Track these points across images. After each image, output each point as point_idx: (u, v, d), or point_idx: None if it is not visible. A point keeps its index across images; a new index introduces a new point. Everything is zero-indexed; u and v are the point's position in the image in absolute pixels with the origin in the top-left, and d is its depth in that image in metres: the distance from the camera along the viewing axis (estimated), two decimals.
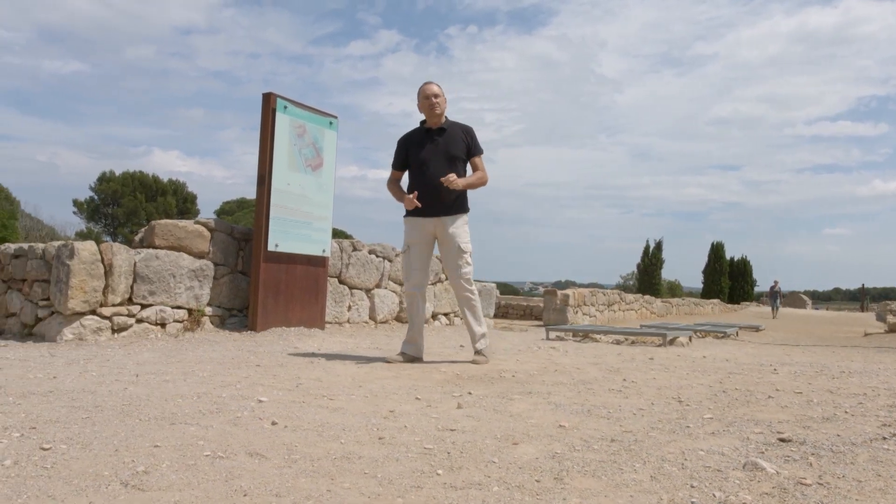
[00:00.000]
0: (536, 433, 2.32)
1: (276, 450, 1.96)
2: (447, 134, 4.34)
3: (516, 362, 4.63)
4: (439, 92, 4.33)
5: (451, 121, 4.43)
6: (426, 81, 4.40)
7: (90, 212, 34.35)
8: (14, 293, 5.10)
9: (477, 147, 4.40)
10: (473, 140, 4.39)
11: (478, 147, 4.40)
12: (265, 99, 5.69)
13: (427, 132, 4.39)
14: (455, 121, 4.44)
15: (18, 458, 1.75)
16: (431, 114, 4.33)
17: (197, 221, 5.58)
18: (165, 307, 5.23)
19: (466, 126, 4.43)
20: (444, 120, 4.39)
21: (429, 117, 4.36)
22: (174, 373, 3.42)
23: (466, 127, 4.42)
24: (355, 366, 4.04)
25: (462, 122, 4.44)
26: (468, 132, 4.40)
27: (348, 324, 6.79)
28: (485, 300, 8.97)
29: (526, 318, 13.94)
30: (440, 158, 4.28)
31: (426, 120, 4.39)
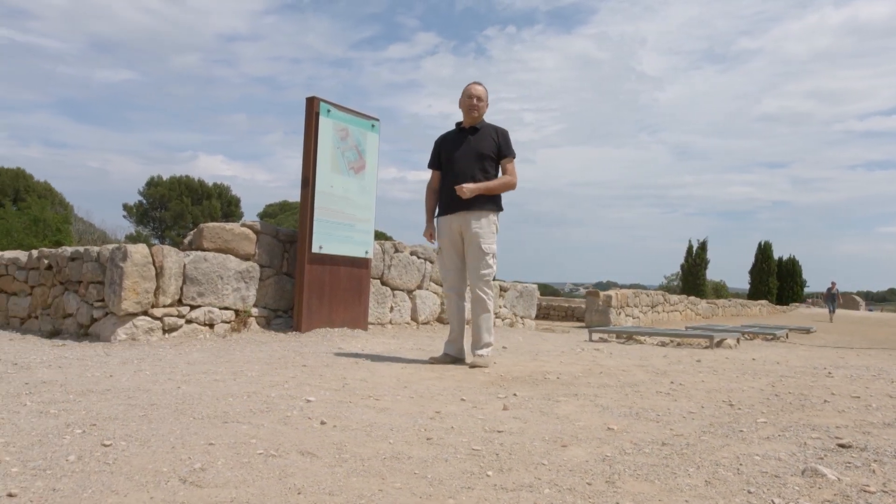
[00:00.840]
0: (585, 436, 2.29)
1: (327, 449, 1.99)
2: (479, 133, 4.34)
3: (560, 364, 4.59)
4: (482, 95, 4.34)
5: (488, 122, 4.41)
6: (474, 81, 4.41)
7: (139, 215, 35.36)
8: (71, 294, 5.28)
9: (508, 149, 4.33)
10: (505, 141, 4.33)
11: (509, 149, 4.33)
12: (309, 103, 5.77)
13: (460, 132, 4.41)
14: (492, 123, 4.42)
15: (82, 453, 1.81)
16: (468, 114, 4.35)
17: (243, 224, 5.69)
18: (213, 308, 5.34)
19: (500, 128, 4.38)
20: (481, 121, 4.39)
21: (465, 116, 4.38)
22: (224, 372, 3.49)
23: (500, 128, 4.38)
24: (399, 367, 4.06)
25: (498, 125, 4.40)
26: (500, 133, 4.35)
27: (390, 325, 6.83)
28: (526, 301, 8.92)
29: (567, 320, 13.81)
30: (469, 157, 4.29)
31: (462, 119, 4.41)
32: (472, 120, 4.36)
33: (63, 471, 1.65)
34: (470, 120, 4.37)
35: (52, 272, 5.46)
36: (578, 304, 14.07)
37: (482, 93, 4.35)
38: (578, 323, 13.14)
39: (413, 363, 4.24)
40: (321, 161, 5.75)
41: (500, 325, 8.40)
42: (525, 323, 8.87)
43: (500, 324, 8.42)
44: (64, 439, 1.96)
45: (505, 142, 4.33)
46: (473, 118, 4.35)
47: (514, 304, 8.77)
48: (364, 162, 6.18)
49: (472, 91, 4.33)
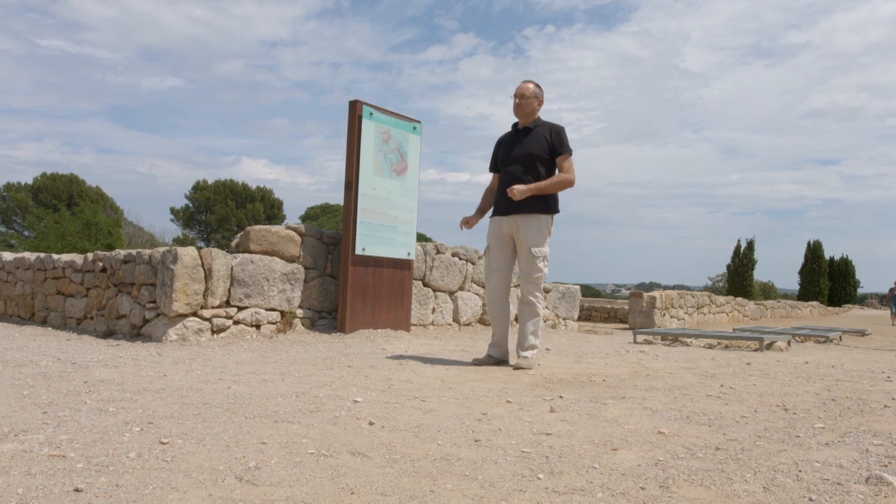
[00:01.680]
0: (635, 439, 2.26)
1: (377, 449, 2.00)
2: (531, 134, 4.28)
3: (605, 366, 4.54)
4: (527, 93, 4.29)
5: (543, 121, 4.34)
6: (524, 80, 4.38)
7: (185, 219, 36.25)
8: (124, 296, 5.44)
9: (562, 146, 4.23)
10: (559, 139, 4.23)
11: (563, 146, 4.23)
12: (351, 106, 5.83)
13: (515, 133, 4.38)
14: (547, 121, 4.35)
15: (141, 450, 1.86)
16: (516, 113, 4.33)
17: (288, 227, 5.78)
18: (260, 309, 5.44)
19: (556, 125, 4.29)
20: (535, 119, 4.32)
21: (517, 117, 4.35)
22: (272, 373, 3.55)
23: (555, 126, 4.29)
24: (443, 368, 4.06)
25: (555, 123, 4.32)
26: (554, 131, 4.26)
27: (432, 326, 6.85)
28: (569, 302, 8.84)
29: (610, 321, 13.63)
30: (519, 158, 4.24)
31: (518, 120, 4.38)
32: (524, 119, 4.32)
33: (125, 467, 1.70)
34: (521, 120, 4.34)
35: (107, 274, 5.63)
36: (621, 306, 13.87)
37: (526, 90, 4.29)
38: (621, 325, 12.96)
39: (456, 364, 4.24)
40: (364, 164, 5.80)
41: (542, 326, 8.34)
42: (567, 324, 8.79)
43: (542, 325, 8.36)
44: (124, 437, 2.02)
45: (559, 139, 4.23)
46: (524, 116, 4.30)
47: (557, 306, 8.70)
48: (406, 164, 6.21)
49: (518, 90, 4.31)
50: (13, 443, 1.88)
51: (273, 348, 4.75)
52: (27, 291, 6.62)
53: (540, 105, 4.35)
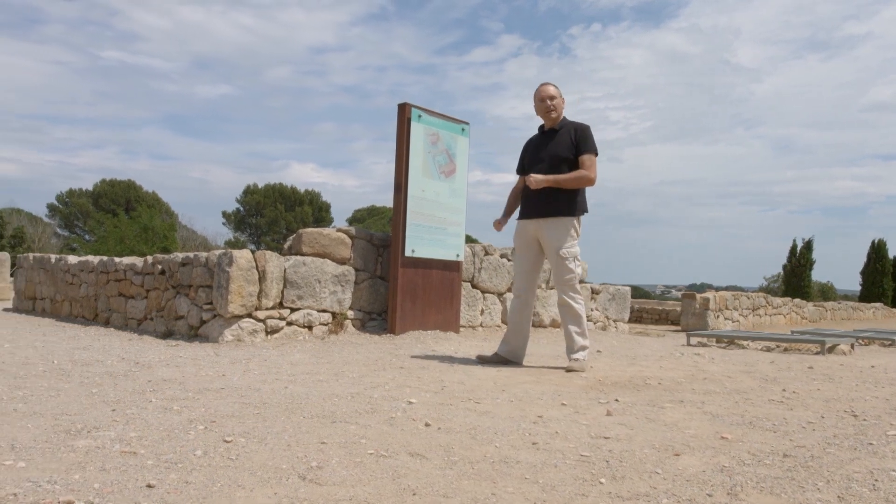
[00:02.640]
0: (697, 444, 2.20)
1: (435, 451, 2.00)
2: (557, 135, 4.26)
3: (660, 369, 4.44)
4: (555, 94, 4.27)
5: (569, 121, 4.31)
6: (542, 83, 4.36)
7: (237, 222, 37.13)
8: (182, 297, 5.60)
9: (585, 145, 4.16)
10: (583, 138, 4.18)
11: (586, 145, 4.16)
12: (400, 109, 5.87)
13: (543, 135, 4.36)
14: (573, 121, 4.30)
15: (207, 448, 1.91)
16: (547, 116, 4.30)
17: (339, 229, 5.85)
18: (312, 311, 5.52)
19: (580, 124, 4.25)
20: (562, 121, 4.30)
21: (544, 119, 4.33)
22: (325, 373, 3.60)
23: (579, 125, 4.25)
24: (495, 370, 4.05)
25: (580, 122, 4.28)
26: (578, 130, 4.21)
27: (481, 327, 6.84)
28: (619, 304, 8.71)
29: (661, 323, 13.35)
30: (546, 161, 4.22)
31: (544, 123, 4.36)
32: (552, 122, 4.30)
33: (192, 465, 1.75)
34: (549, 122, 4.32)
35: (165, 277, 5.81)
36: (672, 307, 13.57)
37: (554, 91, 4.27)
38: (673, 326, 12.69)
39: (508, 365, 4.22)
40: (413, 166, 5.83)
41: (591, 328, 8.24)
42: (618, 326, 8.65)
43: (591, 327, 8.25)
44: (189, 434, 2.07)
45: (582, 138, 4.19)
46: (552, 119, 4.29)
47: (607, 307, 8.57)
48: (454, 166, 6.22)
49: (543, 93, 4.28)
50: (87, 439, 1.95)
51: (325, 349, 4.82)
52: (91, 293, 6.88)
53: (563, 105, 4.33)
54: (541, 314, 7.51)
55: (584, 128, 4.24)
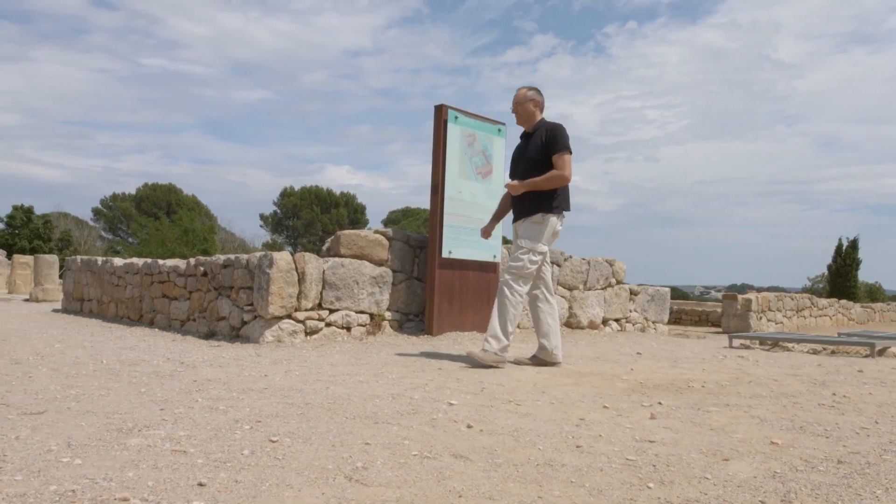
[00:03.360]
0: (746, 449, 2.15)
1: (478, 453, 2.00)
2: (532, 138, 4.34)
3: (703, 371, 4.36)
4: (520, 98, 4.35)
5: (545, 122, 4.34)
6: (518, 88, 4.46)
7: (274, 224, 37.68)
8: (223, 299, 5.70)
9: (555, 144, 4.19)
10: (553, 137, 4.22)
11: (556, 144, 4.19)
12: (437, 111, 5.88)
13: (521, 138, 4.49)
14: (549, 122, 4.34)
15: (254, 448, 1.94)
16: (517, 121, 4.42)
17: (376, 231, 5.89)
18: (350, 312, 5.56)
19: (552, 125, 4.29)
20: (536, 123, 4.35)
21: (518, 124, 4.45)
22: (365, 374, 3.62)
23: (551, 126, 4.28)
24: (534, 371, 4.02)
25: (554, 122, 4.31)
26: (550, 130, 4.26)
27: (518, 329, 6.80)
28: (658, 305, 8.58)
29: (701, 324, 13.09)
30: (521, 163, 4.33)
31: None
32: (526, 126, 4.40)
33: (241, 464, 1.77)
34: (524, 126, 4.42)
35: (207, 278, 5.92)
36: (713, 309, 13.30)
37: (518, 96, 4.36)
38: (713, 328, 12.45)
39: (547, 366, 4.19)
40: (450, 167, 5.83)
41: (630, 329, 8.13)
42: (657, 328, 8.52)
43: (630, 328, 8.15)
44: (236, 434, 2.10)
45: (552, 138, 4.23)
46: (523, 122, 4.39)
47: (645, 308, 8.45)
48: (491, 167, 6.21)
49: (515, 98, 4.38)
50: (138, 437, 2.00)
51: (364, 350, 4.85)
52: (136, 295, 7.05)
53: (537, 106, 4.38)
54: (578, 315, 7.44)
55: (555, 128, 4.27)
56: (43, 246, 28.17)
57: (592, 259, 7.83)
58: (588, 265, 7.69)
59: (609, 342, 6.65)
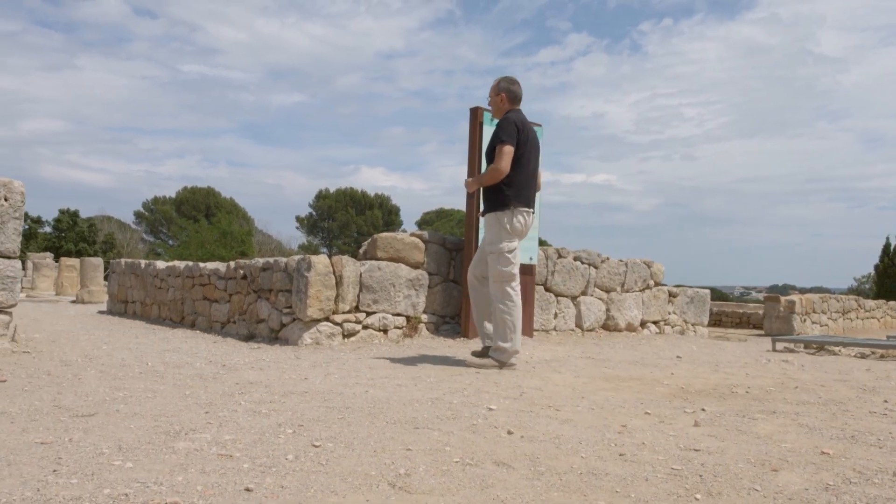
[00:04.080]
0: (796, 460, 2.10)
1: (520, 460, 1.99)
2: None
3: (746, 376, 4.27)
4: (496, 88, 4.35)
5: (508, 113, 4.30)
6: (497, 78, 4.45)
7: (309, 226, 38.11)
8: (263, 301, 5.78)
9: (495, 137, 4.19)
10: (497, 130, 4.22)
11: (496, 137, 4.19)
12: (472, 113, 5.87)
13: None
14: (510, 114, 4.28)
15: (297, 453, 1.96)
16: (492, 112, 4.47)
17: (412, 234, 5.91)
18: (387, 314, 5.59)
19: (504, 116, 4.28)
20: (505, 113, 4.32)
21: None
22: (403, 377, 3.63)
23: (503, 118, 4.27)
24: (572, 376, 3.99)
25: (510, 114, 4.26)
26: (498, 123, 4.27)
27: (555, 332, 6.76)
28: (698, 307, 8.43)
29: (742, 327, 12.81)
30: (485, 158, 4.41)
31: None
32: (495, 116, 4.43)
33: (285, 469, 1.79)
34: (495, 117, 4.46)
35: (247, 281, 6.01)
36: (754, 310, 13.00)
37: (491, 89, 4.39)
38: (755, 330, 12.17)
39: (584, 372, 4.14)
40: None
41: (669, 332, 8.01)
42: (697, 330, 8.38)
43: (669, 331, 8.03)
44: (279, 438, 2.13)
45: (496, 130, 4.22)
46: (494, 114, 4.43)
47: (685, 311, 8.31)
48: None
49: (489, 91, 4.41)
50: (185, 441, 2.04)
51: (401, 352, 4.87)
52: (177, 297, 7.21)
53: (511, 99, 4.32)
54: (615, 317, 7.35)
55: (502, 120, 4.25)
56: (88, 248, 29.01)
57: (630, 261, 7.73)
58: (625, 267, 7.59)
59: (647, 345, 6.56)
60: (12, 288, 4.09)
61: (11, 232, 4.08)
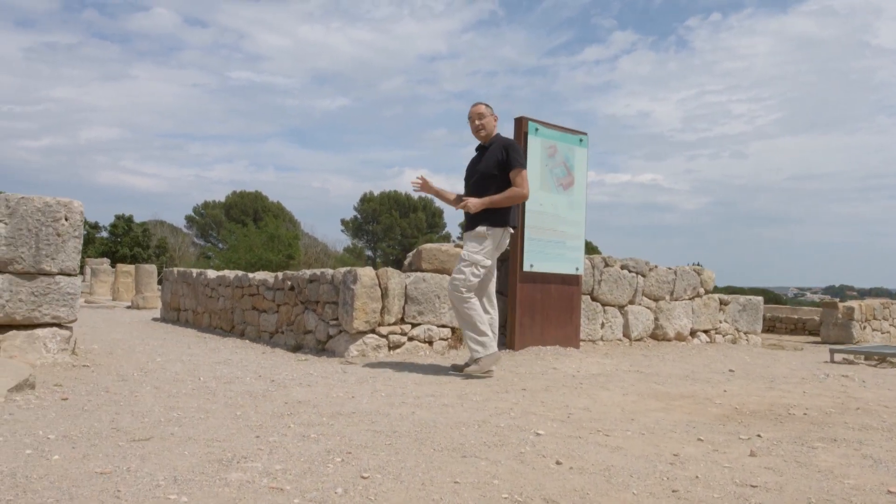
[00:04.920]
0: (860, 500, 2.00)
1: (569, 496, 1.95)
2: (487, 152, 4.49)
3: (803, 395, 4.12)
4: (484, 112, 4.53)
5: (501, 138, 4.53)
6: (473, 103, 4.62)
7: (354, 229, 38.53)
8: (310, 313, 5.86)
9: (513, 161, 4.37)
10: (509, 155, 4.38)
11: (513, 161, 4.37)
12: (517, 123, 5.84)
13: (477, 152, 4.66)
14: (504, 137, 4.54)
15: (346, 486, 1.97)
16: (477, 135, 4.59)
17: (457, 245, 5.90)
18: (432, 326, 5.60)
19: (509, 141, 4.49)
20: (493, 137, 4.53)
21: (477, 138, 4.63)
22: (450, 395, 3.63)
23: (507, 142, 4.46)
24: (620, 393, 3.92)
25: (509, 139, 4.53)
26: (506, 147, 4.42)
27: (601, 342, 6.66)
28: (750, 315, 8.19)
29: (797, 333, 12.37)
30: (475, 177, 4.49)
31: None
32: (483, 139, 4.58)
33: None
34: (481, 139, 4.60)
35: (294, 293, 6.11)
36: (809, 316, 12.55)
37: (481, 111, 4.53)
38: (811, 338, 11.76)
39: (633, 388, 4.06)
40: (530, 180, 5.74)
41: (720, 341, 7.81)
42: (749, 339, 8.14)
43: (720, 340, 7.82)
44: (328, 468, 2.15)
45: (508, 155, 4.39)
46: (483, 137, 4.57)
47: (737, 319, 8.09)
48: (573, 178, 6.10)
49: (473, 113, 4.56)
50: (237, 472, 2.07)
51: (446, 365, 4.86)
52: (227, 306, 7.37)
53: (496, 121, 4.57)
54: (664, 326, 7.21)
55: (510, 144, 4.46)
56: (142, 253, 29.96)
57: (679, 268, 7.57)
58: (674, 275, 7.44)
59: (698, 356, 6.40)
60: (72, 304, 4.24)
61: (72, 250, 4.23)
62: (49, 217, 4.15)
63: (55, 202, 4.21)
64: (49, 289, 4.15)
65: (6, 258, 4.02)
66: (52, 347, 4.16)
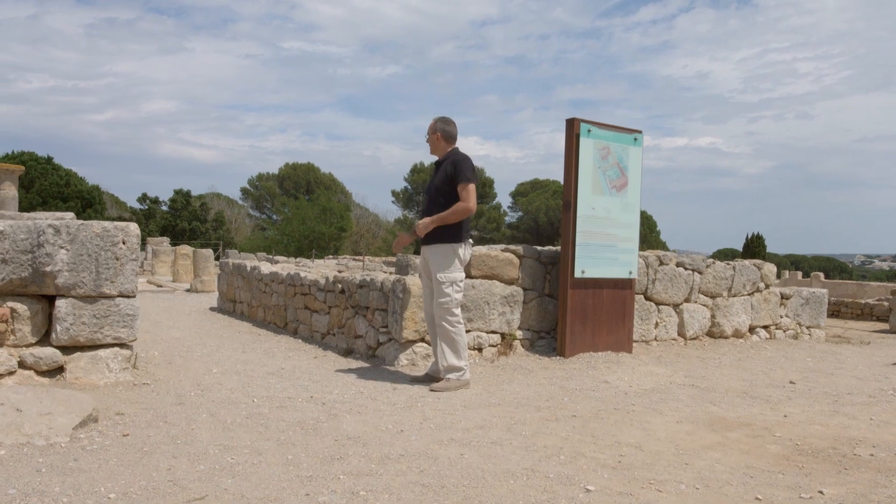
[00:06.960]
0: None
1: None
2: (440, 167, 4.62)
3: (870, 422, 3.94)
4: (429, 130, 4.67)
5: (453, 153, 4.61)
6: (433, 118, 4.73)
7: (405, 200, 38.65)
8: (360, 318, 5.91)
9: (459, 175, 4.47)
10: (457, 169, 4.48)
11: (460, 175, 4.47)
12: (568, 125, 5.66)
13: (435, 166, 4.76)
14: (458, 153, 4.61)
15: None
16: (430, 149, 4.76)
17: (506, 249, 5.82)
18: (482, 333, 5.58)
19: (459, 156, 4.56)
20: (446, 153, 4.63)
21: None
22: (498, 427, 3.60)
23: (457, 157, 4.55)
24: (675, 422, 3.82)
25: (461, 153, 4.59)
26: (455, 162, 4.51)
27: (655, 342, 6.52)
28: (813, 308, 7.87)
29: (863, 319, 11.79)
30: (429, 193, 4.67)
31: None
32: (437, 154, 4.72)
33: None
34: (435, 154, 4.75)
35: (345, 296, 6.16)
36: (877, 302, 11.93)
37: (430, 128, 4.67)
38: (878, 325, 11.24)
39: (688, 412, 3.95)
40: (582, 183, 5.61)
41: (781, 337, 7.54)
42: (812, 334, 7.84)
43: (781, 336, 7.56)
44: None
45: (456, 169, 4.48)
46: (435, 151, 4.72)
47: (799, 313, 7.79)
48: (626, 179, 5.91)
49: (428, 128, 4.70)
50: None
51: (495, 379, 4.85)
52: (281, 303, 7.51)
53: (447, 138, 4.64)
54: (721, 324, 7.00)
55: (460, 159, 4.53)
56: (200, 226, 30.83)
57: (738, 263, 7.31)
58: (733, 270, 7.18)
59: (756, 358, 6.21)
60: (132, 325, 4.37)
61: (129, 272, 4.35)
62: (107, 241, 4.26)
63: (112, 227, 4.32)
64: (110, 311, 4.28)
65: (69, 283, 4.16)
66: (114, 367, 4.32)
